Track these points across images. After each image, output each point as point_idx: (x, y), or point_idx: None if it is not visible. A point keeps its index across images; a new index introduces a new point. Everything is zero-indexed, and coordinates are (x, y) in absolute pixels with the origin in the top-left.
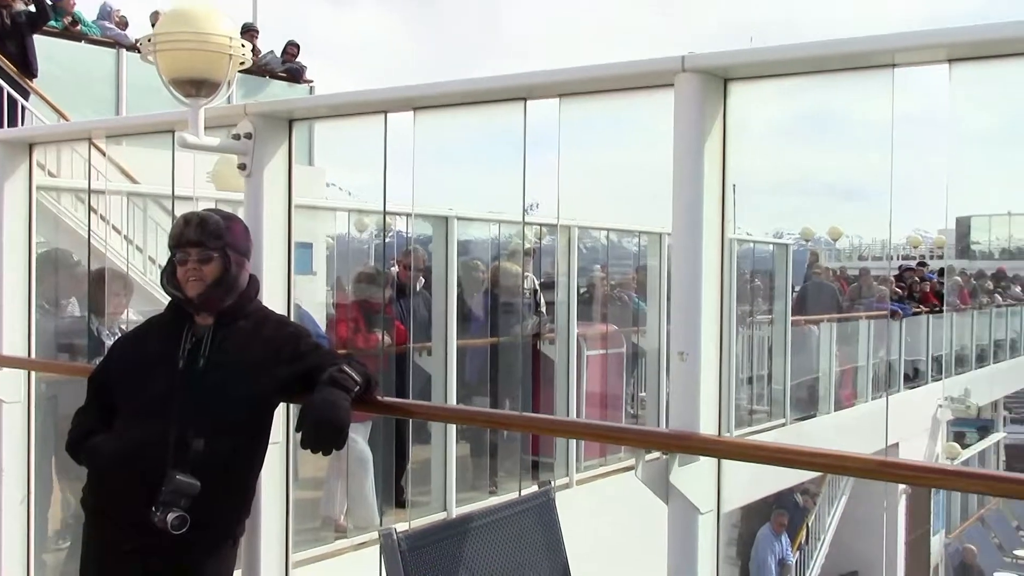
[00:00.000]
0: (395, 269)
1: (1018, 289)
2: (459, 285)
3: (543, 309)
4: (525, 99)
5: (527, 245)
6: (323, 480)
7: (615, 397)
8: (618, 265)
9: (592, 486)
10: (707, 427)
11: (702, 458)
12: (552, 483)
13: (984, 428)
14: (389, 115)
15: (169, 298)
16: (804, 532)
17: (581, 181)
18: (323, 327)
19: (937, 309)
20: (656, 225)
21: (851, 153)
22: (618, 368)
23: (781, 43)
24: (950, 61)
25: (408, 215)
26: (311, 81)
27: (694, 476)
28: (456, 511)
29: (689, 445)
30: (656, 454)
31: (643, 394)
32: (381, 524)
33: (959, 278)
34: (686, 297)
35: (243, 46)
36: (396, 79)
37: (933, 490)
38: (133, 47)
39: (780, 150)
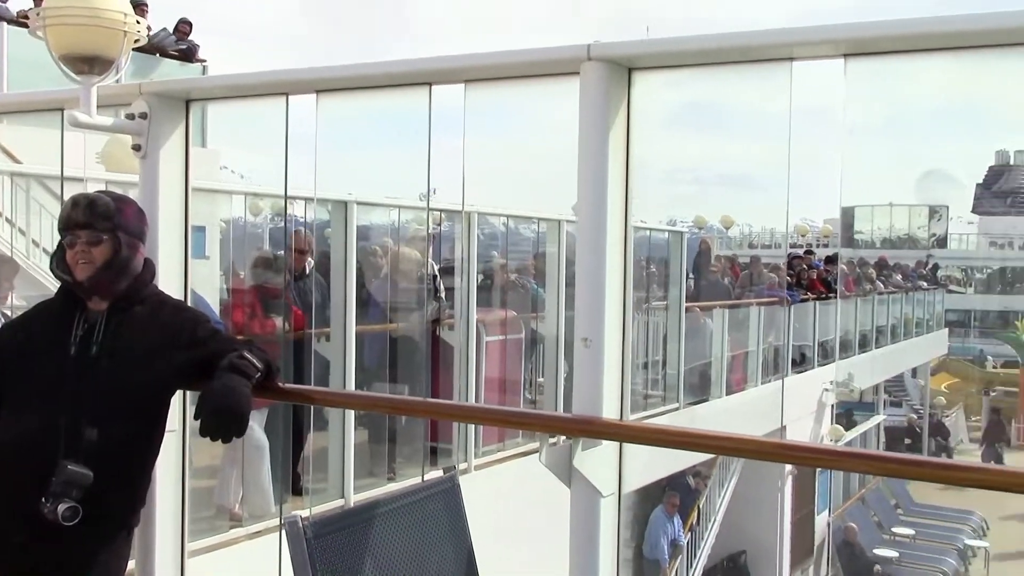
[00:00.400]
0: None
1: (899, 277)
2: (358, 271)
3: (442, 295)
4: (430, 84)
5: (427, 231)
6: (217, 468)
7: (514, 382)
8: (517, 251)
9: (491, 471)
10: (610, 412)
11: (604, 442)
12: (456, 468)
13: (866, 411)
14: (291, 97)
15: (59, 284)
16: (696, 513)
17: (482, 167)
18: (217, 313)
19: (824, 296)
20: (555, 212)
21: (745, 144)
22: (517, 354)
23: (678, 35)
24: (845, 56)
25: (309, 200)
26: (204, 61)
27: (597, 460)
28: (354, 498)
29: (593, 429)
30: (559, 438)
31: (541, 379)
32: (280, 512)
33: (844, 266)
34: (590, 284)
35: (138, 23)
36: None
37: (818, 471)
38: (16, 20)
39: (678, 139)
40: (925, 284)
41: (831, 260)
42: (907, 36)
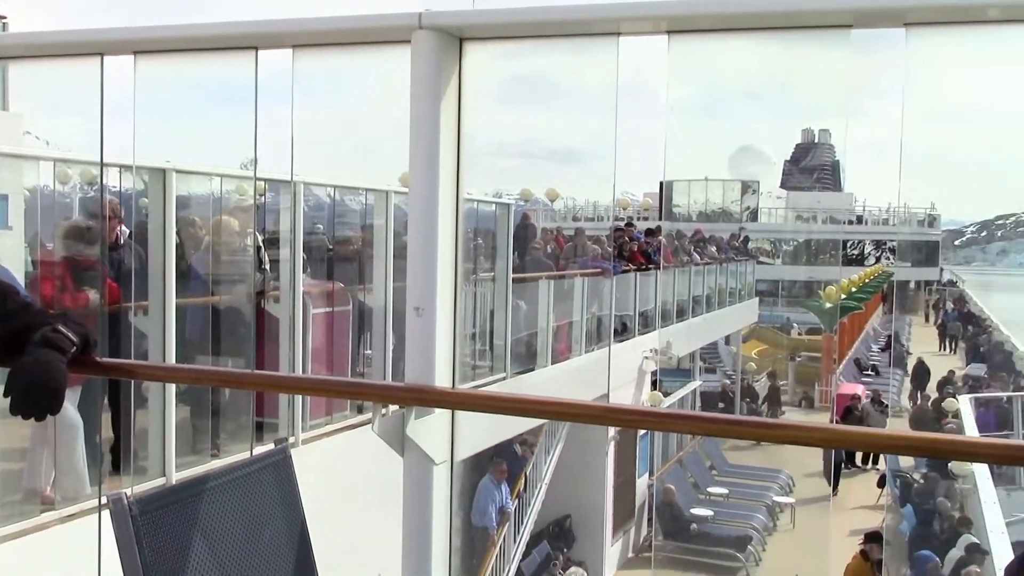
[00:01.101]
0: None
1: (713, 249)
2: (179, 242)
3: (267, 267)
4: (256, 48)
5: (249, 202)
6: (26, 450)
7: (341, 355)
8: (344, 223)
9: (319, 444)
10: (442, 380)
11: (437, 410)
12: (288, 439)
13: (683, 377)
14: (106, 58)
15: None
16: (523, 480)
17: (309, 136)
18: (23, 286)
19: (644, 267)
20: (383, 183)
21: (573, 118)
22: (344, 326)
23: (509, 6)
24: (669, 33)
25: (126, 168)
26: (4, 17)
27: (429, 428)
28: (176, 476)
29: (426, 398)
30: (390, 408)
31: (369, 351)
32: (99, 493)
33: (664, 239)
34: (423, 254)
35: None
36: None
37: (638, 436)
38: None
39: (507, 112)
40: (737, 256)
41: (651, 232)
42: (725, 15)
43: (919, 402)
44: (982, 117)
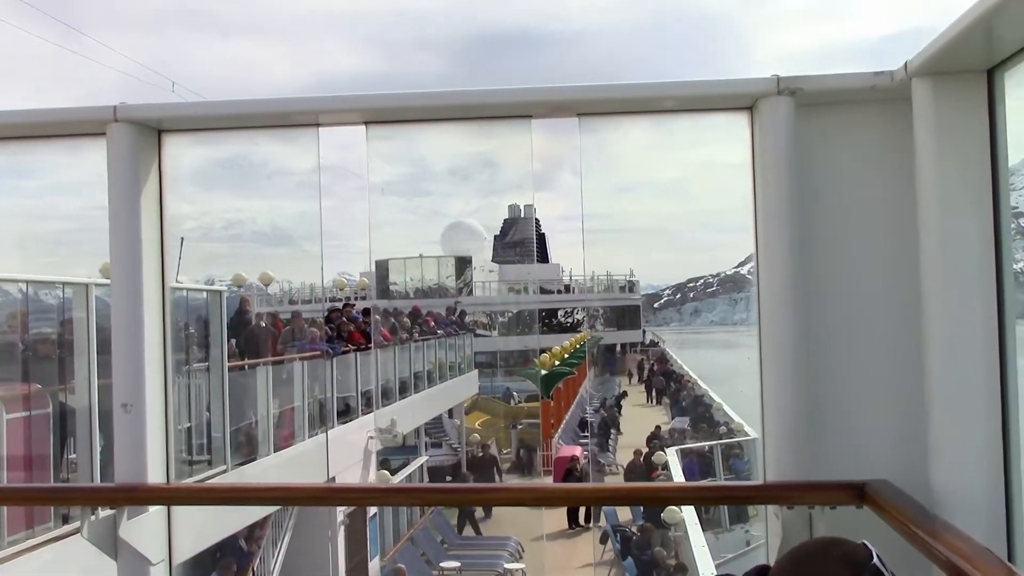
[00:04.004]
0: None
1: (432, 324)
2: None
3: None
4: None
5: None
6: None
7: (42, 459)
8: (41, 318)
9: (19, 562)
10: (155, 477)
11: (152, 508)
12: None
13: (409, 454)
14: None
15: None
16: (251, 575)
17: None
18: None
19: (364, 347)
20: (83, 275)
21: (281, 201)
22: (43, 430)
23: (208, 99)
24: (366, 123)
25: None
26: None
27: (144, 528)
28: None
29: (138, 496)
30: (99, 511)
31: (73, 455)
32: None
33: (379, 317)
34: (128, 346)
35: None
36: None
37: (368, 518)
38: None
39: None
40: (455, 330)
41: (368, 312)
42: (418, 107)
43: (633, 458)
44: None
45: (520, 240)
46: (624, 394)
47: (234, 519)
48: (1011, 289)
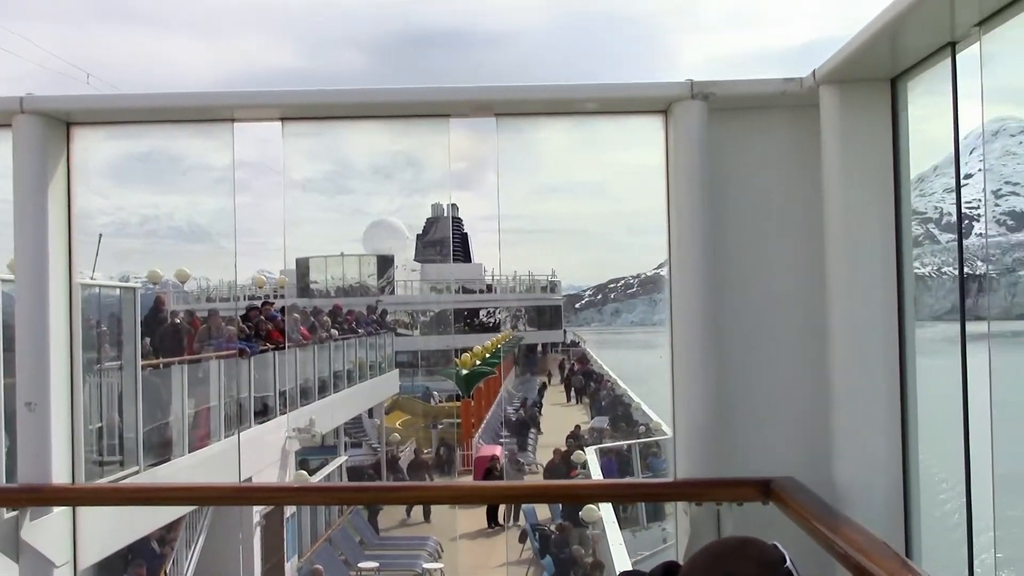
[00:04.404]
0: None
1: (353, 323)
2: None
3: None
4: None
5: None
6: None
7: None
8: None
9: None
10: (60, 477)
11: (56, 509)
12: None
13: (328, 453)
14: None
15: None
16: None
17: None
18: None
19: (282, 346)
20: None
21: (197, 197)
22: None
23: (121, 91)
24: (283, 120)
25: None
26: None
27: (47, 529)
28: None
29: (42, 496)
30: (3, 512)
31: None
32: None
33: (298, 315)
34: (33, 345)
35: None
36: None
37: (285, 518)
38: None
39: (127, 193)
40: (376, 329)
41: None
42: (336, 104)
43: (552, 457)
44: (592, 192)
45: (442, 239)
46: (544, 385)
47: (145, 521)
48: (911, 292)
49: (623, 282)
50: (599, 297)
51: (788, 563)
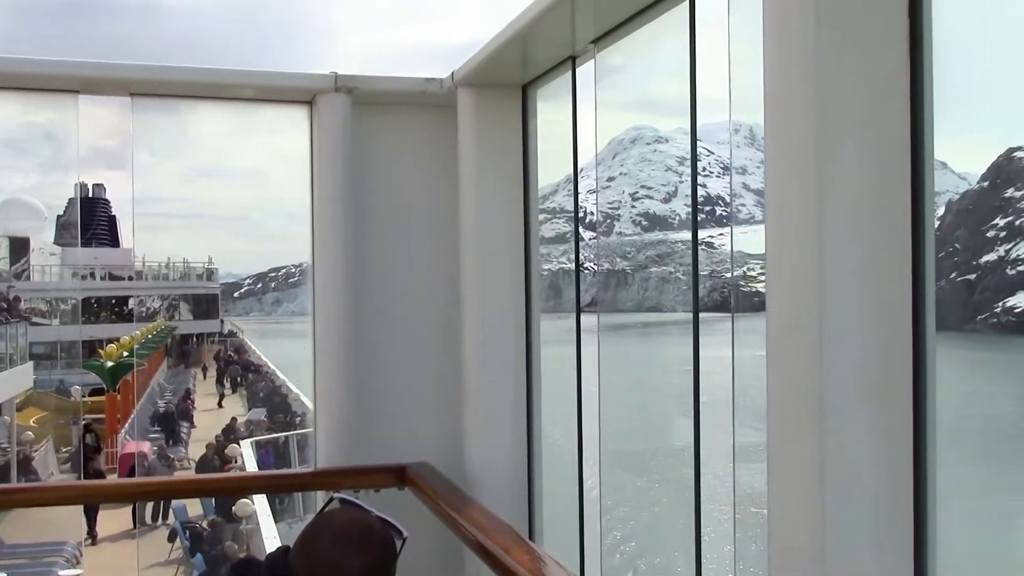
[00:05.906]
0: None
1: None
2: None
3: None
4: None
5: None
6: None
7: None
8: None
9: None
10: None
11: None
12: None
13: None
14: None
15: None
16: None
17: None
18: None
19: None
20: None
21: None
22: None
23: None
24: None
25: None
26: None
27: None
28: None
29: None
30: None
31: None
32: None
33: None
34: None
35: None
36: None
37: None
38: None
39: None
40: (8, 318)
41: None
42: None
43: (205, 451)
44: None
45: (87, 222)
46: (196, 377)
47: None
48: (537, 288)
49: (284, 271)
50: (259, 286)
51: (398, 551)
